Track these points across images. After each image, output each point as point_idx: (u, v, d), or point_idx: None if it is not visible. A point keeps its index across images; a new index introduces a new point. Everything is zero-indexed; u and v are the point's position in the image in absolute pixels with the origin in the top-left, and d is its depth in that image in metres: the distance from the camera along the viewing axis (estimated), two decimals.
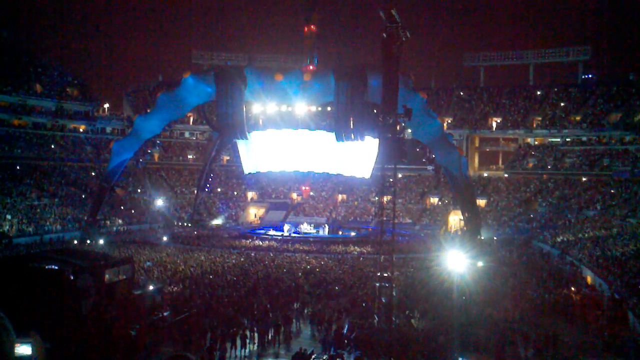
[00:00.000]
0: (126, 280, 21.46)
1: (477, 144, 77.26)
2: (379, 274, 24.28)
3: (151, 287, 23.66)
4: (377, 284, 24.22)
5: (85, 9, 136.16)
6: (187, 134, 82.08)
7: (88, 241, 45.32)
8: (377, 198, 65.94)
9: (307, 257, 40.83)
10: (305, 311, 25.43)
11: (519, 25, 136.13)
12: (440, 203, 67.92)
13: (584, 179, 62.82)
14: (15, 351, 5.43)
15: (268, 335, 21.61)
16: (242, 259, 39.15)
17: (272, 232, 56.39)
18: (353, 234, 57.41)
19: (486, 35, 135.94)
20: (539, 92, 77.31)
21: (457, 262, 29.00)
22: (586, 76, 78.16)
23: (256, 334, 21.60)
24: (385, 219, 27.30)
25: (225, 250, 43.97)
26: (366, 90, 41.28)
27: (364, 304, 25.03)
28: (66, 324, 16.67)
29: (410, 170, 68.76)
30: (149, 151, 51.94)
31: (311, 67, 56.08)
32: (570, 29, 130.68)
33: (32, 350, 5.45)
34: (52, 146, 65.77)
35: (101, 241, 45.20)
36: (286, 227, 57.16)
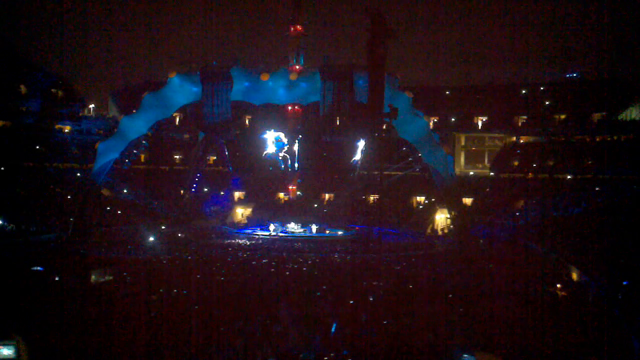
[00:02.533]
0: (112, 281, 21.40)
1: (462, 143, 77.69)
2: (366, 273, 24.34)
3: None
4: (365, 283, 24.27)
5: (70, 10, 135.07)
6: (173, 134, 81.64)
7: (74, 242, 45.01)
8: (364, 197, 66.07)
9: (294, 257, 40.77)
10: (293, 311, 25.38)
11: (505, 25, 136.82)
12: (426, 202, 68.11)
13: (569, 177, 63.23)
14: None
15: (255, 336, 21.53)
16: (229, 259, 39.01)
17: (259, 232, 56.30)
18: (340, 233, 57.45)
19: (472, 34, 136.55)
20: (524, 91, 77.78)
21: (443, 260, 29.21)
22: (571, 75, 78.80)
23: (243, 335, 21.51)
24: (372, 218, 27.37)
25: (213, 250, 43.82)
26: (353, 89, 41.39)
27: (351, 303, 25.02)
28: (51, 324, 16.57)
29: (396, 169, 68.93)
30: (135, 151, 51.73)
31: (297, 67, 56.11)
32: (555, 28, 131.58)
33: (14, 351, 5.41)
34: (38, 147, 65.28)
35: (87, 242, 44.88)
36: (272, 226, 57.10)
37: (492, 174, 70.90)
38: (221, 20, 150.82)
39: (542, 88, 77.15)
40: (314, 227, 57.16)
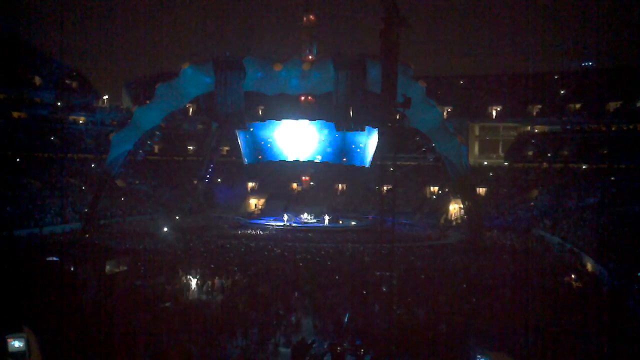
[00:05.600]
0: (127, 271, 21.51)
1: (477, 133, 77.26)
2: (379, 263, 24.27)
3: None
4: (378, 273, 24.23)
5: (84, 1, 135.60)
6: (186, 125, 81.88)
7: (87, 234, 45.32)
8: (377, 187, 65.97)
9: (308, 247, 40.83)
10: (306, 301, 25.44)
11: (519, 13, 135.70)
12: (440, 192, 67.89)
13: (584, 167, 62.77)
14: (9, 346, 5.48)
15: (269, 325, 21.60)
16: (242, 249, 39.14)
17: (272, 222, 56.43)
18: (353, 223, 57.43)
19: (486, 23, 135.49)
20: (538, 80, 77.08)
21: (457, 251, 29.07)
22: (586, 63, 78.02)
23: (257, 324, 21.59)
24: (385, 208, 27.29)
25: (226, 241, 43.96)
26: (365, 79, 41.21)
27: (364, 293, 25.02)
28: (66, 315, 16.69)
29: (410, 159, 68.71)
30: (149, 142, 51.92)
31: (310, 57, 55.93)
32: (569, 15, 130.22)
33: (25, 345, 5.44)
34: (52, 138, 65.70)
35: (102, 232, 45.19)
36: (286, 216, 57.22)
37: (506, 163, 70.55)
38: (234, 10, 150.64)
39: (556, 77, 76.45)
40: (327, 218, 57.20)
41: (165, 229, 49.15)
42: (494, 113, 75.67)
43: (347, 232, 51.80)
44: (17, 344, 5.63)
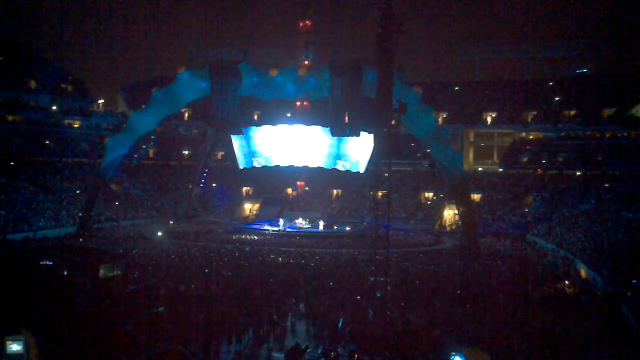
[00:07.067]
0: (121, 275, 21.40)
1: (471, 139, 77.45)
2: (373, 268, 24.27)
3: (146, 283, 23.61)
4: (372, 278, 24.21)
5: (80, 4, 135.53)
6: (182, 130, 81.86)
7: (81, 238, 45.20)
8: (371, 193, 66.03)
9: (302, 252, 40.81)
10: (300, 306, 25.43)
11: (514, 19, 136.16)
12: (435, 198, 67.99)
13: (578, 174, 62.94)
14: (8, 348, 5.49)
15: (263, 330, 21.59)
16: (237, 254, 39.08)
17: (267, 227, 56.37)
18: (348, 228, 57.44)
19: (482, 29, 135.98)
20: (533, 87, 77.41)
21: (451, 256, 29.08)
22: (581, 70, 78.32)
23: (251, 329, 21.58)
24: (380, 213, 27.33)
25: (221, 245, 43.91)
26: (361, 85, 41.25)
27: (358, 298, 25.02)
28: (60, 319, 16.62)
29: (405, 165, 68.79)
30: (144, 147, 51.85)
31: (306, 62, 56.09)
32: (564, 22, 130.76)
33: (23, 347, 5.43)
34: (47, 142, 65.55)
35: (96, 236, 45.06)
36: (281, 221, 57.18)
37: (501, 170, 70.69)
38: (230, 15, 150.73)
39: (551, 83, 76.76)
40: (321, 223, 57.17)
41: (160, 234, 49.05)
42: (488, 119, 75.89)
43: (341, 237, 51.81)
44: (15, 346, 5.65)
